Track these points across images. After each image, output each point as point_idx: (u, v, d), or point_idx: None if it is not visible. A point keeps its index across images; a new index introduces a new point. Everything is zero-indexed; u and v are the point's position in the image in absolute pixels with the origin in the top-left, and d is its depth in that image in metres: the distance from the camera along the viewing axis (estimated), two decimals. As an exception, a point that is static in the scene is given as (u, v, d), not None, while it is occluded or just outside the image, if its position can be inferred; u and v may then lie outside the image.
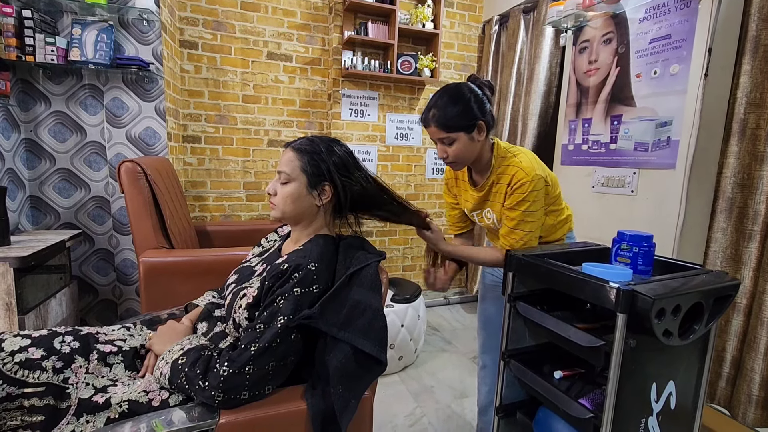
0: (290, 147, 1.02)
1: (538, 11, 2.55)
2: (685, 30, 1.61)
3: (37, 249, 1.58)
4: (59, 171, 2.08)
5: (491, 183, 1.23)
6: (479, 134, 1.16)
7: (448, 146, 1.16)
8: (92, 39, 1.94)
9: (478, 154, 1.21)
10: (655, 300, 0.80)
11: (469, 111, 1.12)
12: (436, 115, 1.13)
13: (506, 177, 1.19)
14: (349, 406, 0.86)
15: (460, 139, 1.14)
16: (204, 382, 0.82)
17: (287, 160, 1.00)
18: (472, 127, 1.14)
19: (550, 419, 1.10)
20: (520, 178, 1.15)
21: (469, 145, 1.16)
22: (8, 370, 0.82)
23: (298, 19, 2.77)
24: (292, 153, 1.00)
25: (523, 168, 1.15)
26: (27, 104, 1.99)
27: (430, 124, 1.15)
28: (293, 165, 0.99)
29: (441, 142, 1.17)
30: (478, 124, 1.14)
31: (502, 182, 1.20)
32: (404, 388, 2.08)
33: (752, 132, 1.48)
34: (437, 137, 1.16)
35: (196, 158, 2.65)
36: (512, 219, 1.18)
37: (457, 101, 1.13)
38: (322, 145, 1.01)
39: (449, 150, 1.16)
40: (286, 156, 1.01)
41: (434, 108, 1.14)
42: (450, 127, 1.13)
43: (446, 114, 1.12)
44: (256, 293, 0.93)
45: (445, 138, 1.15)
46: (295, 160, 0.99)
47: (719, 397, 1.61)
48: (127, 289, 2.22)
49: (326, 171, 0.99)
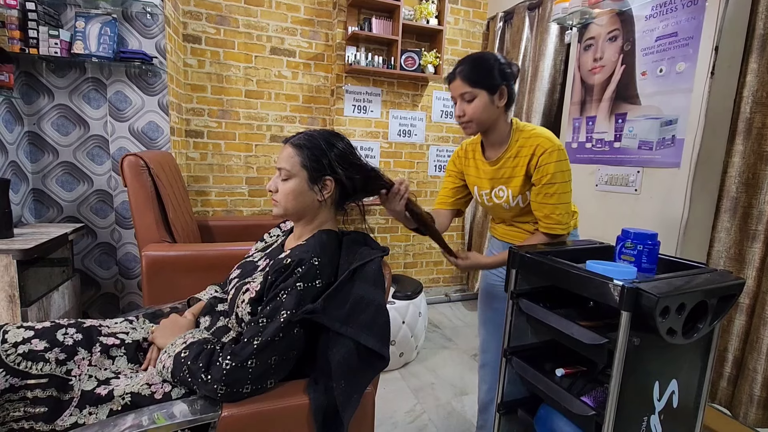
0: (289, 143, 1.01)
1: (543, 8, 2.53)
2: (692, 28, 1.60)
3: (40, 242, 1.58)
4: (62, 164, 2.08)
5: (509, 156, 1.22)
6: (500, 100, 1.18)
7: (467, 103, 1.17)
8: (96, 32, 1.94)
9: (494, 122, 1.21)
10: (659, 298, 0.79)
11: (494, 73, 1.16)
12: (463, 71, 1.16)
13: (528, 149, 1.18)
14: (351, 401, 0.86)
15: (481, 98, 1.16)
16: (207, 375, 0.82)
17: (287, 156, 0.99)
18: (495, 89, 1.16)
19: (551, 416, 1.10)
20: (547, 147, 1.15)
21: (488, 107, 1.17)
22: (11, 361, 0.83)
23: (301, 14, 2.76)
24: (292, 149, 0.99)
25: (548, 137, 1.16)
26: (30, 97, 1.99)
27: (456, 78, 1.17)
28: (293, 161, 0.98)
29: (461, 99, 1.18)
30: (501, 88, 1.16)
31: (522, 155, 1.20)
32: (405, 385, 2.09)
33: (758, 131, 1.47)
34: (459, 92, 1.17)
35: (198, 153, 2.65)
36: (552, 194, 1.17)
37: (483, 62, 1.17)
38: (321, 140, 1.00)
39: (467, 108, 1.17)
40: (286, 152, 1.00)
41: (461, 65, 1.17)
42: (474, 81, 1.15)
43: (472, 69, 1.15)
44: (259, 288, 0.93)
45: (467, 93, 1.16)
46: (294, 156, 0.98)
47: (720, 397, 1.61)
48: (129, 282, 2.22)
49: (327, 165, 0.98)
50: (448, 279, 3.38)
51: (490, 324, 1.47)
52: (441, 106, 3.12)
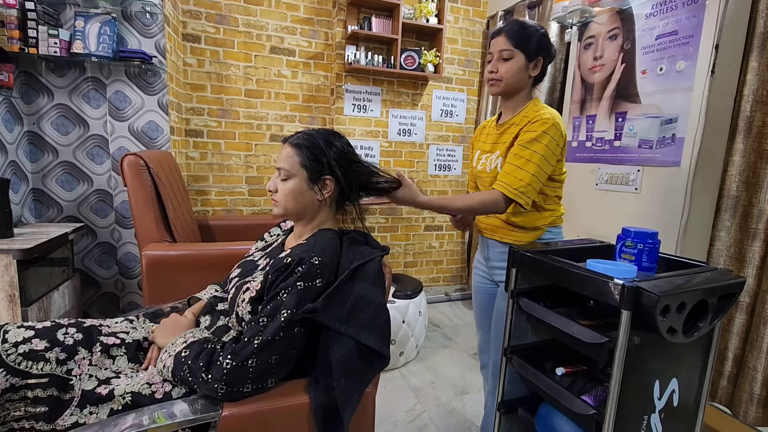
0: (288, 142, 1.00)
1: (543, 7, 2.53)
2: (692, 26, 1.60)
3: (40, 241, 1.58)
4: (62, 164, 2.07)
5: (513, 123, 1.22)
6: (534, 69, 1.19)
7: (503, 62, 1.18)
8: (95, 31, 1.93)
9: (520, 90, 1.22)
10: (660, 297, 0.79)
11: (537, 41, 1.17)
12: (510, 30, 1.17)
13: (526, 119, 1.18)
14: (352, 400, 0.86)
15: (517, 60, 1.17)
16: (207, 374, 0.82)
17: (286, 156, 0.99)
18: (533, 57, 1.18)
19: (551, 415, 1.10)
20: (541, 118, 1.14)
21: (521, 71, 1.18)
22: (12, 361, 0.83)
23: (301, 13, 2.76)
24: (291, 148, 0.99)
25: (550, 114, 1.15)
26: (30, 97, 1.99)
27: (501, 33, 1.18)
28: (292, 161, 0.98)
29: (499, 55, 1.18)
30: (538, 59, 1.18)
31: (519, 123, 1.19)
32: (405, 384, 2.09)
33: (758, 130, 1.47)
34: (499, 48, 1.18)
35: (198, 152, 2.65)
36: (520, 157, 1.12)
37: (531, 28, 1.18)
38: (320, 139, 1.00)
39: (501, 66, 1.18)
40: (285, 152, 0.99)
41: (509, 25, 1.19)
42: (517, 41, 1.16)
43: (519, 30, 1.17)
44: (260, 287, 0.93)
45: (506, 51, 1.17)
46: (294, 156, 0.98)
47: (720, 396, 1.61)
48: (129, 282, 2.22)
49: (327, 164, 0.98)
50: (448, 278, 3.38)
51: (482, 326, 1.47)
52: (441, 105, 3.12)
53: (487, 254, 1.36)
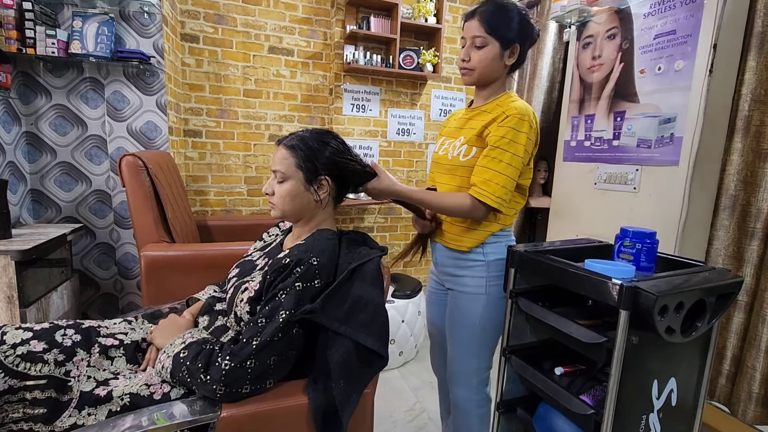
0: (282, 144, 0.99)
1: (541, 6, 2.53)
2: (690, 25, 1.60)
3: (38, 242, 1.58)
4: (60, 164, 2.07)
5: (484, 110, 1.15)
6: (509, 58, 1.11)
7: (476, 50, 1.09)
8: (93, 31, 1.93)
9: (495, 80, 1.14)
10: (658, 297, 0.79)
11: (514, 27, 1.08)
12: (483, 11, 1.08)
13: (498, 109, 1.10)
14: (351, 401, 0.86)
15: (491, 49, 1.09)
16: (206, 375, 0.82)
17: (281, 158, 0.98)
18: (508, 44, 1.09)
19: (550, 415, 1.10)
20: (510, 114, 1.06)
21: (495, 60, 1.10)
22: (10, 362, 0.82)
23: (299, 12, 2.76)
24: (285, 150, 0.98)
25: (520, 107, 1.07)
26: (28, 97, 1.99)
27: (474, 17, 1.09)
28: (288, 162, 0.97)
29: (471, 42, 1.10)
30: (514, 46, 1.10)
31: (491, 112, 1.11)
32: (404, 384, 2.09)
33: (756, 129, 1.47)
34: (471, 35, 1.09)
35: (197, 152, 2.64)
36: (499, 161, 1.04)
37: (507, 11, 1.09)
38: (314, 139, 0.99)
39: (474, 54, 1.10)
40: (279, 154, 0.98)
41: (484, 6, 1.10)
42: (491, 27, 1.07)
43: (494, 14, 1.08)
44: (258, 287, 0.93)
45: (479, 38, 1.08)
46: (289, 158, 0.97)
47: (719, 395, 1.61)
48: (128, 283, 2.22)
49: (322, 165, 0.98)
50: (447, 277, 3.37)
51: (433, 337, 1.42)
52: (440, 105, 3.12)
53: (436, 259, 1.28)
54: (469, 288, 1.18)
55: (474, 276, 1.17)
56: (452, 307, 1.23)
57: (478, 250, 1.15)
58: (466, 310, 1.19)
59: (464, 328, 1.20)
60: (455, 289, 1.21)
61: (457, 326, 1.21)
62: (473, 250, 1.16)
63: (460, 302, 1.20)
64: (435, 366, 1.46)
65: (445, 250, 1.22)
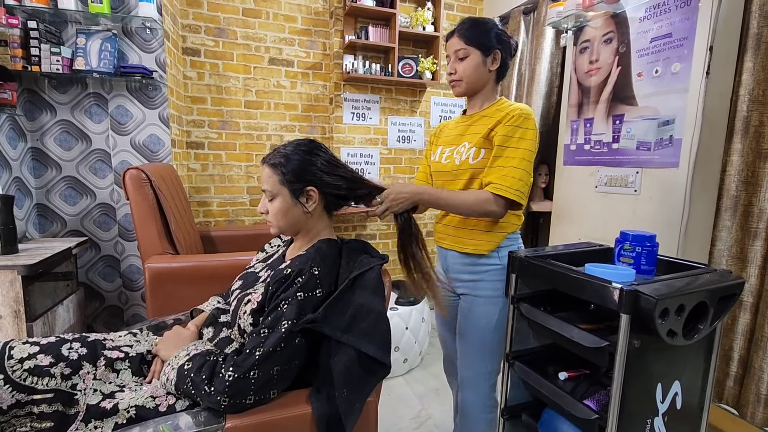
0: (265, 163, 1.00)
1: (538, 12, 2.55)
2: (685, 28, 1.61)
3: (44, 256, 1.59)
4: (65, 179, 2.10)
5: (483, 115, 1.21)
6: (492, 63, 1.19)
7: (459, 61, 1.18)
8: (96, 48, 1.97)
9: (483, 86, 1.21)
10: (658, 300, 0.80)
11: (491, 35, 1.17)
12: (461, 28, 1.19)
13: (500, 112, 1.16)
14: (354, 410, 0.86)
15: (474, 58, 1.17)
16: (210, 387, 0.83)
17: (266, 177, 0.99)
18: (489, 51, 1.17)
19: (555, 420, 1.10)
20: (516, 113, 1.12)
21: (479, 67, 1.18)
22: (17, 377, 0.84)
23: (299, 24, 2.79)
24: (269, 169, 0.99)
25: (522, 107, 1.14)
26: (33, 114, 2.02)
27: (454, 35, 1.20)
28: (272, 180, 0.98)
29: (455, 56, 1.19)
30: (495, 52, 1.18)
31: (492, 116, 1.17)
32: (409, 391, 2.08)
33: (756, 129, 1.47)
34: (454, 49, 1.19)
35: (199, 164, 2.67)
36: (512, 157, 1.09)
37: (481, 24, 1.19)
38: (295, 153, 0.99)
39: (459, 66, 1.19)
40: (265, 172, 0.99)
41: (461, 24, 1.20)
42: (469, 39, 1.16)
43: (469, 28, 1.18)
44: (261, 299, 0.94)
45: (461, 50, 1.17)
46: (273, 176, 0.98)
47: (727, 397, 1.60)
48: (133, 294, 2.23)
49: (307, 176, 0.97)
50: (451, 283, 3.37)
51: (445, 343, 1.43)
52: (439, 111, 3.14)
53: (447, 265, 1.29)
54: (486, 291, 1.20)
55: (491, 279, 1.20)
56: (466, 312, 1.24)
57: (494, 254, 1.19)
58: (482, 313, 1.21)
59: (480, 332, 1.21)
60: (471, 294, 1.22)
61: (472, 330, 1.23)
62: (491, 254, 1.19)
63: (476, 306, 1.22)
64: (450, 374, 1.46)
65: (459, 256, 1.23)
